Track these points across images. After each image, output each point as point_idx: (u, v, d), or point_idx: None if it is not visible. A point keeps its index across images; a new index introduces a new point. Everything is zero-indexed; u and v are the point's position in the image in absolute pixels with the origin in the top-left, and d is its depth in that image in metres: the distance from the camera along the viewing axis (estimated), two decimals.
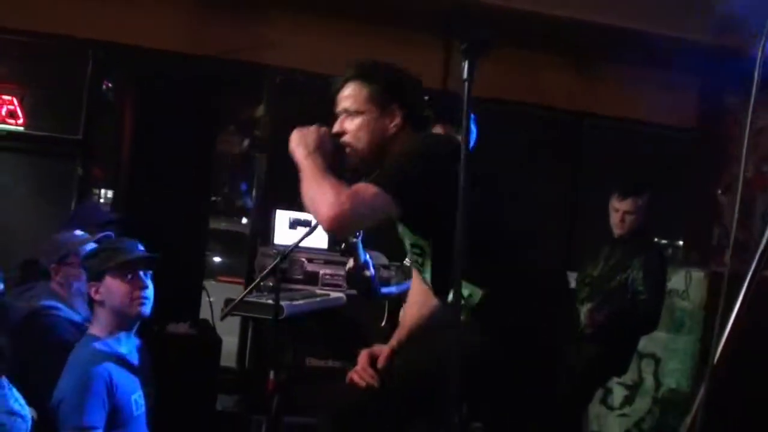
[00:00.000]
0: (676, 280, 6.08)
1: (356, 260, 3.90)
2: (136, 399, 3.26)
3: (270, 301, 4.36)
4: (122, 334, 3.30)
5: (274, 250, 5.55)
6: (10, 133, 5.92)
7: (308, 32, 6.39)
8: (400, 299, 4.01)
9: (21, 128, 5.94)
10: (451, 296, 2.62)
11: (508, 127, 6.58)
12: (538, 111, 7.07)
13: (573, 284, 5.20)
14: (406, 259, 4.04)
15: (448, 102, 3.71)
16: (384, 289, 3.91)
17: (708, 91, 7.12)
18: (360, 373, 2.80)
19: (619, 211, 5.20)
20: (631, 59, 6.67)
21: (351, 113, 2.83)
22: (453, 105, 3.62)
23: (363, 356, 2.88)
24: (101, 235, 3.87)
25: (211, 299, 5.64)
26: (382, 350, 2.91)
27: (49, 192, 6.11)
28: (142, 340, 3.51)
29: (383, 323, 3.94)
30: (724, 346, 1.46)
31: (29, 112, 5.94)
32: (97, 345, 3.22)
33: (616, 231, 5.23)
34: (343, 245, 5.26)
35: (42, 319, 3.51)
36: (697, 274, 6.19)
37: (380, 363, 2.85)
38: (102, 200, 10.70)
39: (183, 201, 5.84)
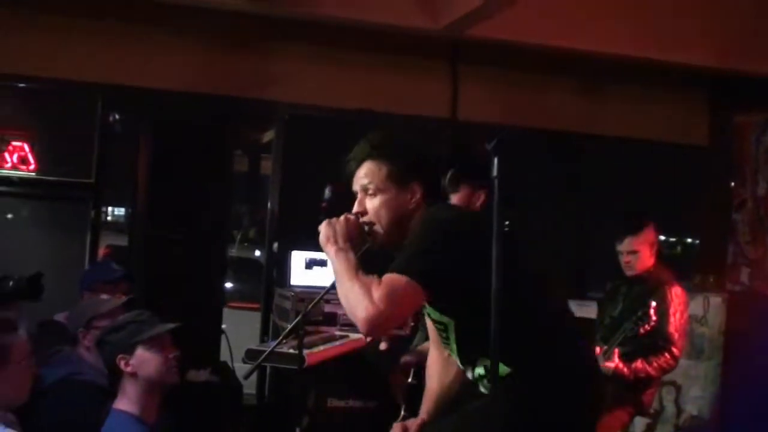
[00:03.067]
0: (693, 306, 6.01)
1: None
2: None
3: (292, 350, 4.34)
4: (152, 404, 3.26)
5: (292, 293, 5.54)
6: (21, 179, 5.92)
7: (314, 66, 6.40)
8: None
9: (32, 174, 5.92)
10: (478, 370, 2.64)
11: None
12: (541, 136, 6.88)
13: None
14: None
15: (470, 162, 3.73)
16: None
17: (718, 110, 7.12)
18: None
19: (622, 253, 5.07)
20: (638, 80, 6.70)
21: (370, 192, 2.81)
22: (476, 164, 3.62)
23: (396, 429, 2.91)
24: (127, 299, 3.87)
25: (228, 339, 5.61)
26: (414, 423, 2.94)
27: (61, 236, 6.10)
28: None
29: (410, 379, 3.85)
30: None
31: (40, 158, 5.91)
32: (133, 420, 3.18)
33: (627, 273, 5.08)
34: None
35: (73, 386, 3.52)
36: (715, 299, 6.15)
37: None
38: (110, 218, 10.63)
39: (202, 240, 5.81)
